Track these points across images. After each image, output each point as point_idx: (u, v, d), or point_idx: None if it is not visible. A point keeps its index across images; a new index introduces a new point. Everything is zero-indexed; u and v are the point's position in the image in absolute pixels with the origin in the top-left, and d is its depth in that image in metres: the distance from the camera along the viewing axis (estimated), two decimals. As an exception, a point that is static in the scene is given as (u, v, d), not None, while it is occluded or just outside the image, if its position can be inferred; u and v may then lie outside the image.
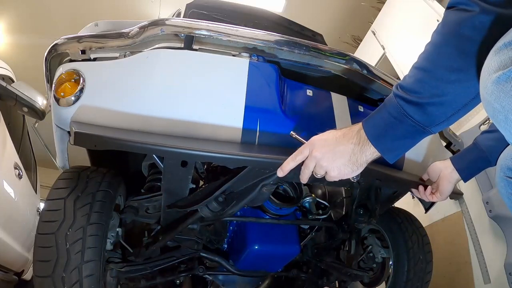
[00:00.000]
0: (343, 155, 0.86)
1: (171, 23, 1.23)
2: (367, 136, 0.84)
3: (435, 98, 0.76)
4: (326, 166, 0.89)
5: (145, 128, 1.12)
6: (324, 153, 0.88)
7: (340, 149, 0.86)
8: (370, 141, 0.84)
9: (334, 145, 0.87)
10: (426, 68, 0.78)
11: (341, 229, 1.71)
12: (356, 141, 0.85)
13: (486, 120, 2.38)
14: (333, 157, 0.87)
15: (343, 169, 0.88)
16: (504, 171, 0.97)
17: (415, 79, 0.79)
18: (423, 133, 0.81)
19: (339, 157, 0.87)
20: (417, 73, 0.79)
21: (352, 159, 0.86)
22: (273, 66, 1.29)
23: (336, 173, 0.89)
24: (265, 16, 2.54)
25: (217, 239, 1.64)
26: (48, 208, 1.11)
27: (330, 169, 0.89)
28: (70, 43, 1.17)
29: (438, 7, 2.88)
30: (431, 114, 0.78)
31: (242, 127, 1.18)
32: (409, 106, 0.78)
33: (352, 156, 0.86)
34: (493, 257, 2.14)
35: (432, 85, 0.76)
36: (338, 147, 0.87)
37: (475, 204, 2.38)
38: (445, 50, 0.75)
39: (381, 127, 0.83)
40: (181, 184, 1.21)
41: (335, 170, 0.89)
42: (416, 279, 1.63)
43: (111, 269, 1.29)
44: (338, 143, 0.87)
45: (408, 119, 0.79)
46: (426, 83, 0.77)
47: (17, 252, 2.61)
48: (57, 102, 1.11)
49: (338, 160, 0.87)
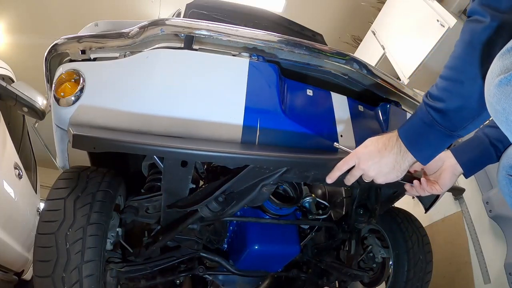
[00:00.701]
0: (388, 165, 0.95)
1: (171, 23, 1.23)
2: (405, 145, 0.92)
3: (457, 104, 0.82)
4: (373, 175, 0.98)
5: (145, 128, 1.12)
6: (370, 165, 0.97)
7: (385, 161, 0.95)
8: (408, 149, 0.92)
9: (379, 157, 0.95)
10: (448, 77, 0.84)
11: (341, 229, 1.71)
12: (397, 151, 0.93)
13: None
14: (379, 169, 0.96)
15: (389, 176, 0.97)
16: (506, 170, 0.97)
17: (440, 87, 0.85)
18: (451, 137, 0.88)
19: (384, 167, 0.95)
20: (441, 81, 0.86)
21: (396, 167, 0.95)
22: (273, 66, 1.29)
23: (383, 180, 0.98)
24: (265, 16, 2.54)
25: (217, 239, 1.64)
26: (48, 208, 1.11)
27: (376, 177, 0.98)
28: (70, 43, 1.17)
29: (438, 7, 2.88)
30: (455, 120, 0.84)
31: (242, 127, 1.18)
32: (436, 113, 0.85)
33: (396, 164, 0.94)
34: (493, 257, 2.14)
35: (453, 92, 0.83)
36: (383, 160, 0.95)
37: (475, 204, 2.38)
38: (463, 59, 0.81)
39: (415, 134, 0.91)
40: (181, 184, 1.21)
41: (381, 178, 0.98)
42: (416, 279, 1.63)
43: (111, 269, 1.29)
44: (382, 156, 0.95)
45: (437, 125, 0.86)
46: (448, 91, 0.83)
47: (17, 252, 2.61)
48: (57, 102, 1.11)
49: (384, 170, 0.96)
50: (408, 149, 0.91)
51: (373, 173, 0.97)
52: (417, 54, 2.97)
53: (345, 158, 1.02)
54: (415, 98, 1.61)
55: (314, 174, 1.31)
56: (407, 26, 3.32)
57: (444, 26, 2.73)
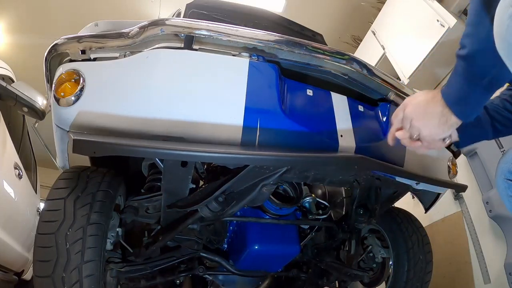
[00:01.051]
0: (434, 117, 0.91)
1: (171, 23, 1.23)
2: (445, 101, 0.89)
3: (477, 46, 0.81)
4: (418, 125, 0.94)
5: (146, 128, 1.12)
6: (416, 113, 0.94)
7: (430, 111, 0.91)
8: (448, 105, 0.89)
9: (425, 106, 0.92)
10: (468, 22, 0.83)
11: (341, 229, 1.71)
12: (444, 104, 0.89)
13: (486, 120, 2.38)
14: (424, 118, 0.93)
15: (434, 130, 0.93)
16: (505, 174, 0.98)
17: (463, 34, 0.85)
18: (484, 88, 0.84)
19: (430, 118, 0.92)
20: (465, 28, 0.85)
21: (441, 121, 0.91)
22: (273, 66, 1.29)
23: (427, 132, 0.94)
24: (265, 16, 2.54)
25: (217, 239, 1.64)
26: (48, 208, 1.11)
27: (422, 128, 0.94)
28: (70, 43, 1.17)
29: (438, 7, 2.88)
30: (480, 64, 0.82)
31: (242, 127, 1.18)
32: (462, 60, 0.84)
33: (442, 117, 0.90)
34: (493, 257, 2.14)
35: (473, 35, 0.82)
36: (428, 109, 0.92)
37: (475, 204, 2.38)
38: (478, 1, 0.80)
39: (451, 89, 0.88)
40: (181, 184, 1.21)
41: (426, 130, 0.94)
42: (416, 279, 1.63)
43: (111, 269, 1.29)
44: (428, 105, 0.92)
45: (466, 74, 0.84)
46: (469, 35, 0.83)
47: (17, 252, 2.61)
48: (57, 102, 1.11)
49: (429, 121, 0.92)
50: (448, 105, 0.89)
51: (417, 122, 0.94)
52: (417, 54, 2.97)
53: (395, 110, 1.01)
54: (415, 98, 1.61)
55: (314, 174, 1.31)
56: (407, 26, 3.32)
57: (444, 26, 2.73)
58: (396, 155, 1.43)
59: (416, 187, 1.49)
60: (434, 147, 0.98)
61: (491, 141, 2.26)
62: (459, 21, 2.65)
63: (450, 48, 2.71)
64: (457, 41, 0.87)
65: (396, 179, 1.40)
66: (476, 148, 2.37)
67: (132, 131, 1.11)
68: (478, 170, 2.37)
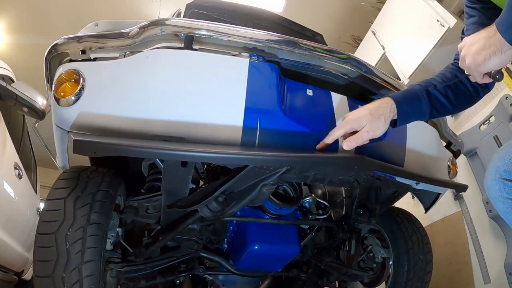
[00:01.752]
0: (479, 43, 0.90)
1: (171, 23, 1.23)
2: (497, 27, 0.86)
3: None
4: (465, 54, 0.93)
5: (146, 128, 1.12)
6: (467, 45, 0.93)
7: (478, 38, 0.91)
8: (499, 31, 0.86)
9: (476, 37, 0.91)
10: None
11: (341, 229, 1.71)
12: (494, 31, 0.87)
13: (486, 120, 2.38)
14: (472, 46, 0.91)
15: (477, 57, 0.90)
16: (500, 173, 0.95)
17: None
18: None
19: (476, 44, 0.90)
20: None
21: (486, 46, 0.89)
22: (273, 66, 1.29)
23: (472, 60, 0.92)
24: (265, 16, 2.54)
25: (217, 239, 1.64)
26: (48, 208, 1.11)
27: (468, 56, 0.93)
28: (70, 43, 1.17)
29: (438, 7, 2.88)
30: None
31: (242, 127, 1.18)
32: None
33: (487, 43, 0.88)
34: (493, 257, 2.14)
35: None
36: (477, 37, 0.91)
37: (475, 204, 2.38)
38: None
39: (504, 15, 0.86)
40: (181, 184, 1.21)
41: (470, 58, 0.92)
42: (416, 279, 1.63)
43: (111, 269, 1.30)
44: (478, 35, 0.91)
45: None
46: None
47: (17, 252, 2.61)
48: (57, 102, 1.11)
49: (475, 47, 0.91)
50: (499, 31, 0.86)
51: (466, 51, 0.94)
52: (417, 54, 2.97)
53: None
54: (415, 98, 1.61)
55: (314, 174, 1.31)
56: (407, 26, 3.32)
57: (444, 26, 2.72)
58: (396, 155, 1.43)
59: (416, 187, 1.49)
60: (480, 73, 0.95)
61: (492, 141, 2.26)
62: (459, 21, 2.65)
63: (450, 48, 2.71)
64: (457, 41, 0.86)
65: (396, 179, 1.40)
66: (476, 148, 2.37)
67: (132, 131, 1.11)
68: (478, 170, 2.37)
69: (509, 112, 2.19)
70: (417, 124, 1.58)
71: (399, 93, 1.24)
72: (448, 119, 2.15)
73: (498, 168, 0.97)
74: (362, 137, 1.15)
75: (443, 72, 1.28)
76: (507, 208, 0.97)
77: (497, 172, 0.97)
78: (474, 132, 2.44)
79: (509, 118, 2.18)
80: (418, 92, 1.21)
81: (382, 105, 1.17)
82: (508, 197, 0.95)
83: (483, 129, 2.40)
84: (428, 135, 1.62)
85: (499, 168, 0.96)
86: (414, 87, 1.24)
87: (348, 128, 1.16)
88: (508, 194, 0.95)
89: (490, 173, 0.99)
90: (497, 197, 0.97)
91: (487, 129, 2.36)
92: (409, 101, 1.20)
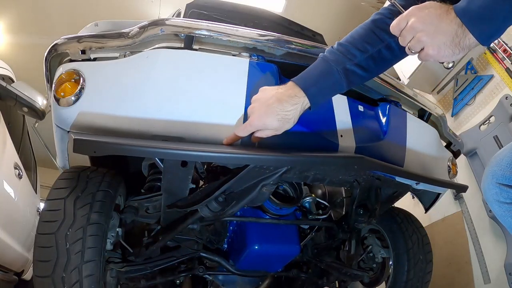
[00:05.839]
0: (446, 34, 0.80)
1: (171, 23, 1.22)
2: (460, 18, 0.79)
3: None
4: (425, 41, 0.82)
5: (146, 128, 1.12)
6: (426, 25, 0.81)
7: (443, 27, 0.80)
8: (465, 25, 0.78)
9: (438, 20, 0.80)
10: None
11: (341, 229, 1.71)
12: (460, 23, 0.79)
13: (486, 120, 2.39)
14: (435, 33, 0.81)
15: (443, 49, 0.81)
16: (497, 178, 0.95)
17: None
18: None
19: (442, 34, 0.80)
20: None
21: (454, 41, 0.80)
22: (273, 66, 1.29)
23: (436, 52, 0.82)
24: (265, 16, 2.54)
25: (217, 239, 1.64)
26: (48, 208, 1.11)
27: (429, 45, 0.82)
28: (70, 43, 1.17)
29: (438, 7, 2.87)
30: None
31: (242, 127, 1.17)
32: None
33: (455, 37, 0.80)
34: (493, 257, 2.15)
35: None
36: (442, 24, 0.80)
37: (475, 204, 2.38)
38: None
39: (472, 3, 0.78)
40: (181, 184, 1.21)
41: (434, 48, 0.82)
42: (416, 279, 1.63)
43: (111, 269, 1.29)
44: (441, 20, 0.80)
45: None
46: None
47: (17, 252, 2.61)
48: (57, 102, 1.11)
49: (440, 37, 0.80)
50: (465, 24, 0.78)
51: (426, 37, 0.81)
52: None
53: (397, 18, 0.87)
54: (415, 98, 1.61)
55: (314, 174, 1.31)
56: (407, 26, 3.31)
57: (444, 26, 2.72)
58: (396, 155, 1.43)
59: (416, 187, 1.49)
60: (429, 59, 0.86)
61: (492, 141, 2.26)
62: (459, 21, 2.64)
63: (450, 48, 2.70)
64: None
65: (396, 179, 1.40)
66: (476, 148, 2.38)
67: (132, 131, 1.11)
68: (478, 170, 2.37)
69: (509, 112, 2.19)
70: (417, 124, 1.59)
71: (310, 78, 1.08)
72: (448, 119, 2.15)
73: (495, 172, 0.96)
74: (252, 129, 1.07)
75: (365, 33, 1.09)
76: (503, 212, 0.97)
77: (494, 177, 0.96)
78: (474, 132, 2.44)
79: (509, 118, 2.18)
80: (335, 73, 1.07)
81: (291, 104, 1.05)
82: (505, 201, 0.95)
83: (483, 129, 2.40)
84: (428, 135, 1.62)
85: (496, 173, 0.95)
86: (325, 63, 1.08)
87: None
88: (505, 199, 0.94)
89: (487, 177, 0.98)
90: (494, 201, 0.96)
91: (487, 129, 2.36)
92: (322, 85, 1.07)
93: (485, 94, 2.50)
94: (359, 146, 1.32)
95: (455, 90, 2.81)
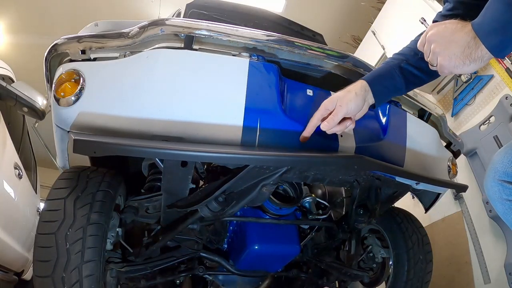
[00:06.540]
0: (458, 45, 0.85)
1: (171, 23, 1.22)
2: (475, 31, 0.83)
3: None
4: (438, 52, 0.88)
5: (146, 128, 1.12)
6: (440, 37, 0.88)
7: (456, 38, 0.85)
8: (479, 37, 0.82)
9: (452, 33, 0.86)
10: None
11: (341, 229, 1.71)
12: (474, 35, 0.83)
13: (486, 120, 2.38)
14: (447, 44, 0.86)
15: (454, 60, 0.86)
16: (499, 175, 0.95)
17: None
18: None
19: (454, 45, 0.85)
20: None
21: (465, 52, 0.84)
22: (273, 66, 1.29)
23: (447, 62, 0.87)
24: (265, 16, 2.54)
25: (217, 239, 1.64)
26: (48, 208, 1.11)
27: (441, 55, 0.88)
28: (70, 43, 1.17)
29: (438, 7, 2.88)
30: None
31: (242, 127, 1.18)
32: None
33: (467, 48, 0.84)
34: (493, 257, 2.14)
35: None
36: (455, 36, 0.85)
37: (475, 204, 2.38)
38: None
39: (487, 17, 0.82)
40: (181, 184, 1.21)
41: (445, 58, 0.87)
42: (416, 279, 1.63)
43: (111, 269, 1.30)
44: (455, 32, 0.85)
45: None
46: None
47: (17, 252, 2.61)
48: (57, 102, 1.11)
49: (452, 48, 0.86)
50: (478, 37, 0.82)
51: (439, 48, 0.87)
52: (417, 54, 2.96)
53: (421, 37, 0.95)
54: (415, 98, 1.61)
55: (314, 174, 1.31)
56: (407, 26, 3.32)
57: (444, 26, 2.72)
58: (396, 155, 1.43)
59: (416, 187, 1.49)
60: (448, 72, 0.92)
61: (492, 141, 2.26)
62: (459, 21, 2.65)
63: (450, 48, 2.70)
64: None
65: (396, 179, 1.40)
66: (476, 148, 2.37)
67: (132, 131, 1.11)
68: (478, 170, 2.37)
69: (509, 112, 2.19)
70: (417, 124, 1.58)
71: (371, 74, 1.23)
72: (448, 119, 2.15)
73: (497, 170, 0.96)
74: (337, 113, 1.14)
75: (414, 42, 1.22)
76: (506, 209, 0.97)
77: (496, 174, 0.97)
78: (474, 132, 2.44)
79: (509, 118, 2.18)
80: (391, 70, 1.19)
81: (352, 85, 1.18)
82: (507, 198, 0.95)
83: (483, 129, 2.40)
84: (428, 135, 1.62)
85: (498, 170, 0.96)
86: (386, 65, 1.22)
87: (323, 110, 1.17)
88: (507, 196, 0.95)
89: (489, 175, 0.99)
90: (496, 198, 0.97)
91: (487, 129, 2.36)
92: (382, 80, 1.19)
93: (485, 94, 2.50)
94: (359, 146, 1.32)
95: (455, 90, 2.81)
